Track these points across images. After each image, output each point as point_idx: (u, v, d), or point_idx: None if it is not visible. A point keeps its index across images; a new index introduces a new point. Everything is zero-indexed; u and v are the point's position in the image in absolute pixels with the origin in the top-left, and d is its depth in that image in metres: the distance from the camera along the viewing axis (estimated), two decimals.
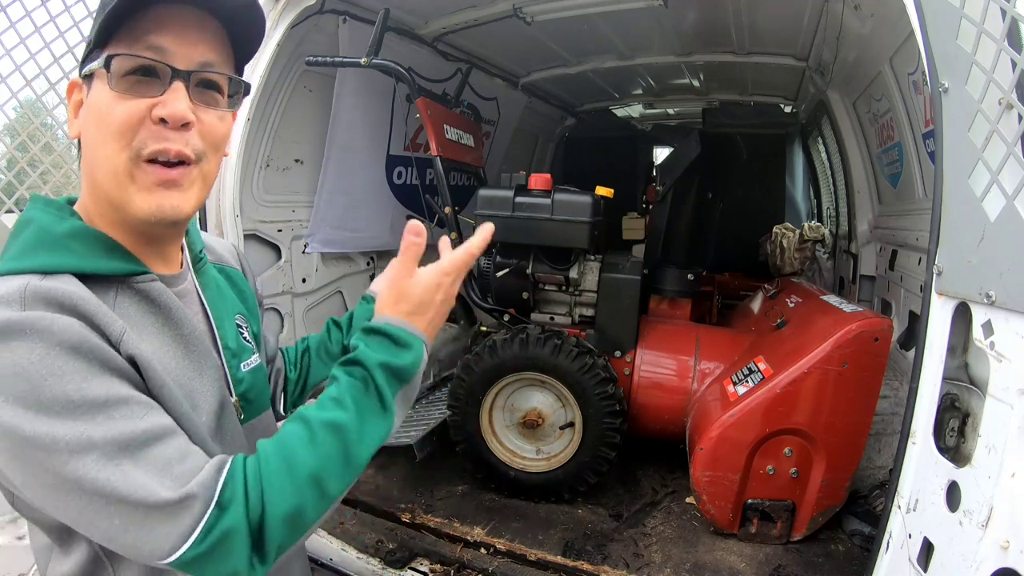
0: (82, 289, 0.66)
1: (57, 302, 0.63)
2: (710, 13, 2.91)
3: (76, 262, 0.68)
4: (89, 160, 0.71)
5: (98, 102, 0.69)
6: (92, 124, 0.70)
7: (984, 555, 0.98)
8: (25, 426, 0.58)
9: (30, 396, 0.58)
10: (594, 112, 5.12)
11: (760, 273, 3.79)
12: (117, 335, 0.66)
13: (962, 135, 1.09)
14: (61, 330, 0.61)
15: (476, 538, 2.08)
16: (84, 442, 0.59)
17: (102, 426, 0.60)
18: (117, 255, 0.72)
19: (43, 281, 0.64)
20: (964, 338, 1.15)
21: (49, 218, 0.71)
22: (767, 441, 2.00)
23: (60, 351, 0.60)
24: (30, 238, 0.69)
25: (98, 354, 0.62)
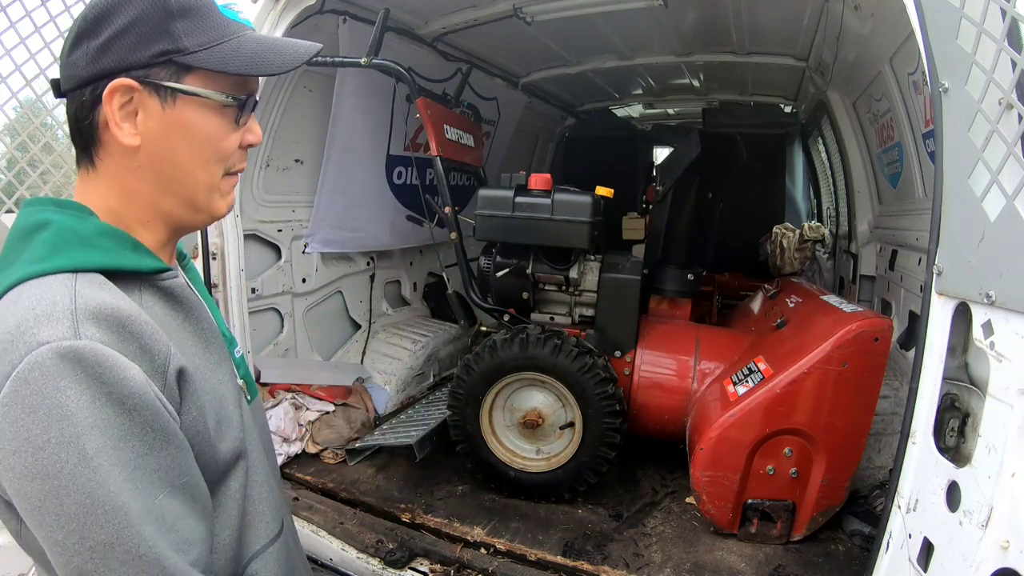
0: (124, 299, 0.66)
1: (111, 319, 0.63)
2: (710, 13, 2.91)
3: (108, 259, 0.68)
4: (169, 173, 0.74)
5: (205, 126, 0.74)
6: (189, 144, 0.73)
7: (984, 555, 0.98)
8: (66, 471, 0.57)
9: (73, 444, 0.58)
10: (594, 112, 5.12)
11: (760, 273, 3.79)
12: (164, 351, 0.66)
13: (962, 135, 1.09)
14: (114, 381, 0.60)
15: (476, 538, 2.08)
16: (111, 505, 0.59)
17: (130, 492, 0.60)
18: (143, 253, 0.73)
19: (84, 288, 0.63)
20: (964, 338, 1.15)
21: (69, 219, 0.70)
22: (767, 441, 2.00)
23: (107, 403, 0.59)
24: (53, 238, 0.68)
25: (145, 415, 0.62)
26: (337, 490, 2.39)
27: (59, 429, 0.57)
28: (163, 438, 0.64)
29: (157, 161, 0.73)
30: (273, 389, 2.74)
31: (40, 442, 0.57)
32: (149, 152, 0.72)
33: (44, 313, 0.60)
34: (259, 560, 0.81)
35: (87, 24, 0.69)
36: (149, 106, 0.70)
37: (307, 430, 2.69)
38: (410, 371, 3.28)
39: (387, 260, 3.66)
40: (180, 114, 0.72)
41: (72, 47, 0.70)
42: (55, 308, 0.61)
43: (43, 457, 0.57)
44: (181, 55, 0.70)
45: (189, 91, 0.71)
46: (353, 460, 2.61)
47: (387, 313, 3.65)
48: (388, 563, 1.98)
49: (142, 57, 0.69)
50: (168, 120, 0.71)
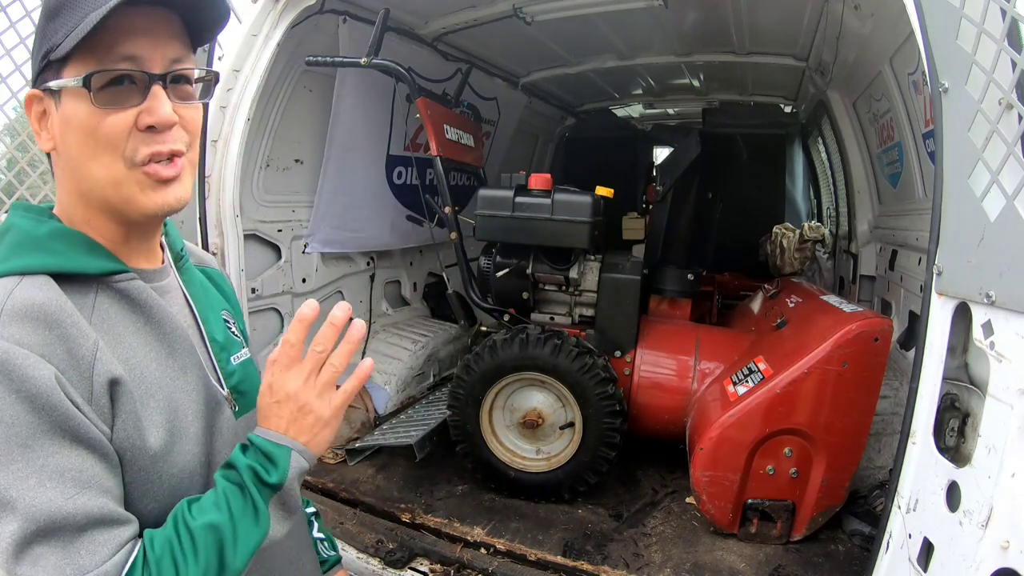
0: (60, 298, 0.66)
1: (39, 319, 0.63)
2: (710, 13, 2.91)
3: (56, 261, 0.69)
4: (75, 172, 0.72)
5: (78, 117, 0.69)
6: (75, 139, 0.70)
7: (984, 555, 0.98)
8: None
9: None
10: (594, 112, 5.12)
11: (760, 273, 3.79)
12: (90, 356, 0.66)
13: (962, 135, 1.09)
14: (23, 378, 0.60)
15: (476, 538, 2.08)
16: (5, 506, 0.59)
17: (32, 495, 0.60)
18: (97, 254, 0.73)
19: (21, 290, 0.64)
20: (964, 338, 1.15)
21: (28, 222, 0.72)
22: (767, 441, 2.00)
23: (14, 400, 0.60)
24: (10, 242, 0.70)
25: (54, 415, 0.62)
26: (337, 490, 2.39)
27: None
28: (73, 439, 0.63)
29: (65, 161, 0.73)
30: None
31: None
32: (60, 153, 0.73)
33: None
34: None
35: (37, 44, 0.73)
36: (50, 109, 0.72)
37: None
38: (410, 371, 3.28)
39: (387, 260, 3.66)
40: (63, 110, 0.70)
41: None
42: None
43: None
44: (53, 51, 0.68)
45: (53, 87, 0.70)
46: (353, 460, 2.61)
47: (387, 313, 3.65)
48: (388, 563, 1.98)
49: (36, 65, 0.72)
50: (60, 119, 0.71)
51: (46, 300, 0.65)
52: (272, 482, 0.72)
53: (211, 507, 0.70)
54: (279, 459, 0.73)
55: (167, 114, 0.71)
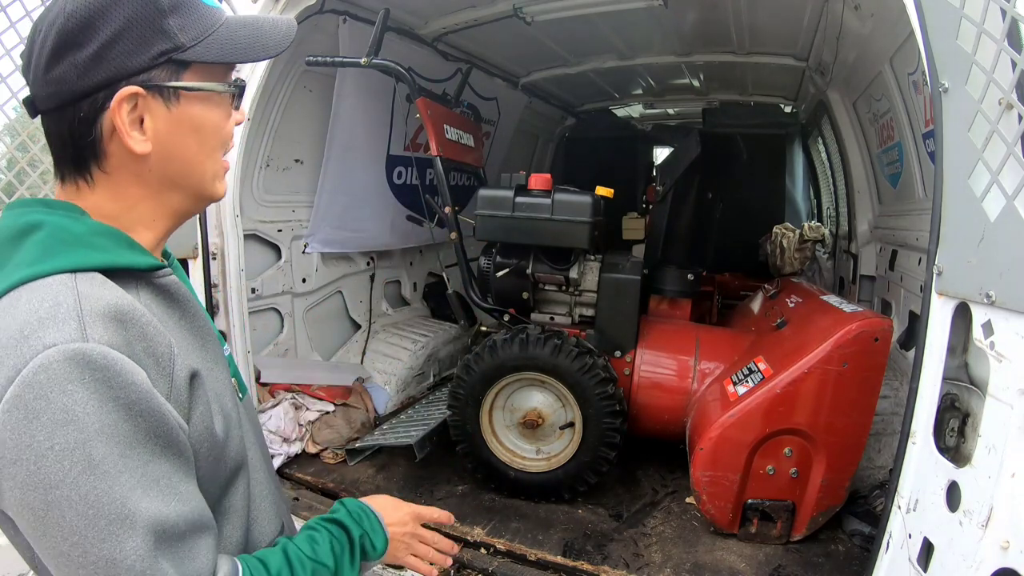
0: (127, 297, 0.64)
1: (116, 317, 0.61)
2: (710, 13, 2.91)
3: (105, 257, 0.66)
4: (180, 169, 0.73)
5: (212, 118, 0.74)
6: (199, 138, 0.73)
7: (984, 555, 0.98)
8: (68, 480, 0.55)
9: (78, 450, 0.56)
10: (594, 112, 5.12)
11: (760, 273, 3.79)
12: (168, 352, 0.65)
13: (962, 135, 1.09)
14: (121, 385, 0.59)
15: (476, 538, 2.08)
16: (125, 520, 0.57)
17: (145, 504, 0.59)
18: (138, 251, 0.72)
19: (87, 287, 0.62)
20: (964, 338, 1.15)
21: (63, 219, 0.67)
22: (767, 441, 2.00)
23: (114, 408, 0.58)
24: (47, 239, 0.65)
25: (150, 421, 0.61)
26: (337, 490, 2.39)
27: (64, 435, 0.55)
28: (165, 445, 0.62)
29: (167, 161, 0.71)
30: (273, 389, 2.74)
31: (43, 449, 0.55)
32: (159, 155, 0.70)
33: (48, 315, 0.58)
34: None
35: (68, 35, 0.64)
36: (154, 109, 0.68)
37: (307, 430, 2.69)
38: (410, 371, 3.28)
39: (387, 260, 3.66)
40: (186, 111, 0.70)
41: (51, 62, 0.65)
42: (59, 309, 0.59)
43: (46, 465, 0.55)
44: (179, 52, 0.68)
45: (195, 87, 0.70)
46: (353, 460, 2.61)
47: (387, 313, 3.65)
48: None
49: (142, 61, 0.66)
50: (175, 119, 0.70)
51: (117, 298, 0.63)
52: (372, 555, 0.90)
53: (323, 554, 0.81)
54: (379, 543, 0.91)
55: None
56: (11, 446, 0.56)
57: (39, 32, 0.66)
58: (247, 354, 2.30)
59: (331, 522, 0.87)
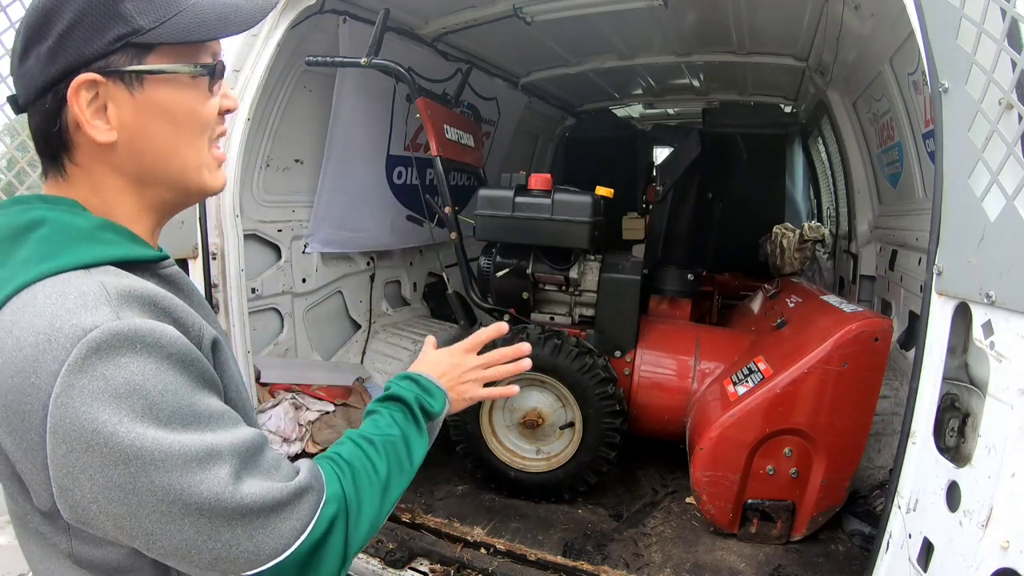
0: (149, 284, 0.65)
1: (143, 300, 0.62)
2: (710, 13, 2.91)
3: (116, 251, 0.66)
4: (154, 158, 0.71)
5: (182, 102, 0.70)
6: (170, 124, 0.70)
7: (984, 555, 0.98)
8: (148, 445, 0.56)
9: (148, 414, 0.56)
10: (594, 112, 5.11)
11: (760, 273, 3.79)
12: (197, 324, 0.67)
13: (962, 135, 1.09)
14: (169, 343, 0.60)
15: (476, 538, 2.08)
16: (213, 454, 0.59)
17: (222, 437, 0.61)
18: (140, 243, 0.72)
19: (107, 278, 0.61)
20: (964, 338, 1.15)
21: (64, 215, 0.67)
22: (767, 441, 2.00)
23: (169, 365, 0.59)
24: (52, 235, 0.64)
25: (198, 367, 0.63)
26: None
27: (130, 406, 0.56)
28: (214, 387, 0.66)
29: (138, 151, 0.69)
30: (273, 389, 2.74)
31: (112, 426, 0.55)
32: (128, 144, 0.69)
33: (78, 304, 0.58)
34: None
35: (31, 30, 0.65)
36: (117, 96, 0.67)
37: (307, 430, 2.69)
38: None
39: (387, 260, 3.66)
40: (151, 96, 0.68)
41: (22, 58, 0.66)
42: (87, 298, 0.58)
43: (118, 440, 0.55)
44: (138, 35, 0.66)
45: (155, 70, 0.68)
46: None
47: (387, 313, 3.65)
48: (388, 563, 1.98)
49: (98, 47, 0.65)
50: (140, 106, 0.68)
51: (138, 284, 0.63)
52: (434, 411, 0.93)
53: (386, 426, 0.85)
54: (437, 397, 0.95)
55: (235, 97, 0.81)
56: (76, 436, 0.55)
57: (19, 32, 0.68)
58: (247, 354, 2.30)
59: (386, 399, 0.92)
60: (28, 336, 0.57)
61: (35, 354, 0.56)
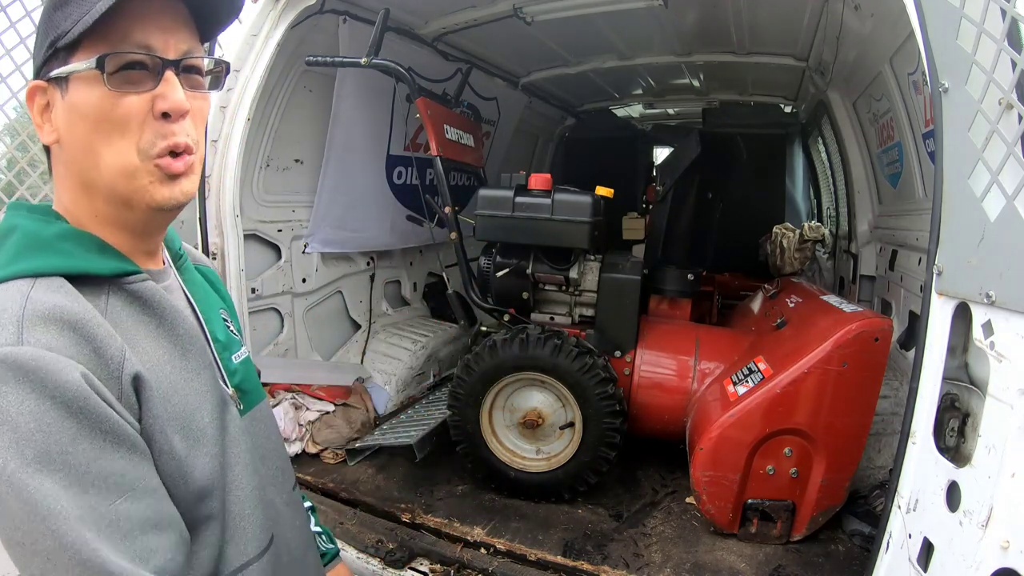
0: (80, 301, 0.65)
1: (64, 323, 0.62)
2: (710, 13, 2.91)
3: (69, 262, 0.68)
4: (83, 164, 0.71)
5: (90, 102, 0.68)
6: (86, 125, 0.69)
7: (984, 555, 0.98)
8: (3, 476, 0.56)
9: (12, 448, 0.56)
10: (594, 112, 5.12)
11: (760, 273, 3.79)
12: (118, 356, 0.65)
13: (962, 135, 1.09)
14: (59, 384, 0.59)
15: (476, 538, 2.08)
16: (56, 510, 0.57)
17: (76, 498, 0.58)
18: (108, 255, 0.72)
19: (39, 293, 0.63)
20: (964, 338, 1.15)
21: (34, 223, 0.70)
22: (767, 441, 2.00)
23: (52, 406, 0.58)
24: (17, 244, 0.68)
25: (92, 416, 0.60)
26: (337, 490, 2.39)
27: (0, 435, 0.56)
28: (115, 442, 0.61)
29: (72, 152, 0.71)
30: (273, 389, 2.74)
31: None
32: (65, 144, 0.71)
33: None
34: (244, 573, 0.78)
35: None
36: (55, 100, 0.70)
37: (307, 430, 2.69)
38: (410, 371, 3.28)
39: (387, 260, 3.66)
40: (71, 97, 0.69)
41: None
42: (3, 315, 0.61)
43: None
44: (61, 39, 0.68)
45: (61, 73, 0.68)
46: (353, 460, 2.61)
47: (387, 313, 3.65)
48: (388, 563, 1.98)
49: (41, 55, 0.71)
50: (67, 108, 0.69)
51: (67, 302, 0.64)
52: None
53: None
54: None
55: (180, 100, 0.70)
56: None
57: None
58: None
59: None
60: None
61: None
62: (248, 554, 0.79)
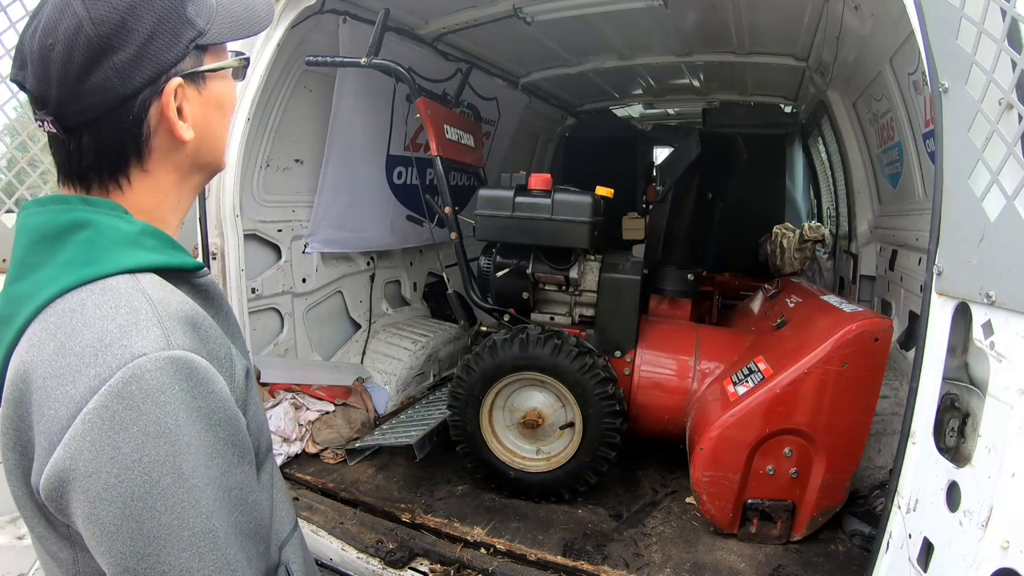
0: (187, 298, 0.65)
1: (189, 322, 0.61)
2: (710, 13, 2.91)
3: (160, 258, 0.66)
4: (208, 149, 0.76)
5: (227, 93, 0.77)
6: (219, 113, 0.76)
7: (984, 555, 0.98)
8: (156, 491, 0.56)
9: (168, 462, 0.55)
10: (594, 112, 5.12)
11: (760, 273, 3.79)
12: (227, 353, 0.66)
13: (962, 135, 1.09)
14: (204, 393, 0.59)
15: (476, 538, 2.08)
16: (208, 528, 0.58)
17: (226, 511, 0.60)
18: (181, 251, 0.72)
19: (154, 291, 0.61)
20: (964, 338, 1.15)
21: (111, 219, 0.66)
22: (767, 441, 2.00)
23: (198, 417, 0.58)
24: (98, 238, 0.63)
25: (227, 428, 0.61)
26: (337, 490, 2.39)
27: (155, 447, 0.55)
28: (240, 454, 0.63)
29: (201, 142, 0.74)
30: (273, 389, 2.74)
31: (129, 462, 0.54)
32: (197, 138, 0.72)
33: (128, 322, 0.57)
34: (288, 547, 0.82)
35: (101, 41, 0.62)
36: (190, 96, 0.71)
37: (307, 430, 2.69)
38: (410, 371, 3.28)
39: (387, 260, 3.66)
40: (211, 91, 0.74)
41: (86, 71, 0.63)
42: (139, 315, 0.58)
43: (131, 478, 0.54)
44: (202, 37, 0.70)
45: (216, 68, 0.74)
46: (353, 460, 2.61)
47: (387, 313, 3.65)
48: (388, 563, 1.98)
49: (176, 52, 0.68)
50: (204, 101, 0.73)
51: (183, 301, 0.63)
52: None
53: None
54: None
55: None
56: (88, 458, 0.54)
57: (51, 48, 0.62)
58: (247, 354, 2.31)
59: None
60: (74, 345, 0.56)
61: (79, 364, 0.56)
62: (289, 524, 0.84)
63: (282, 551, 0.80)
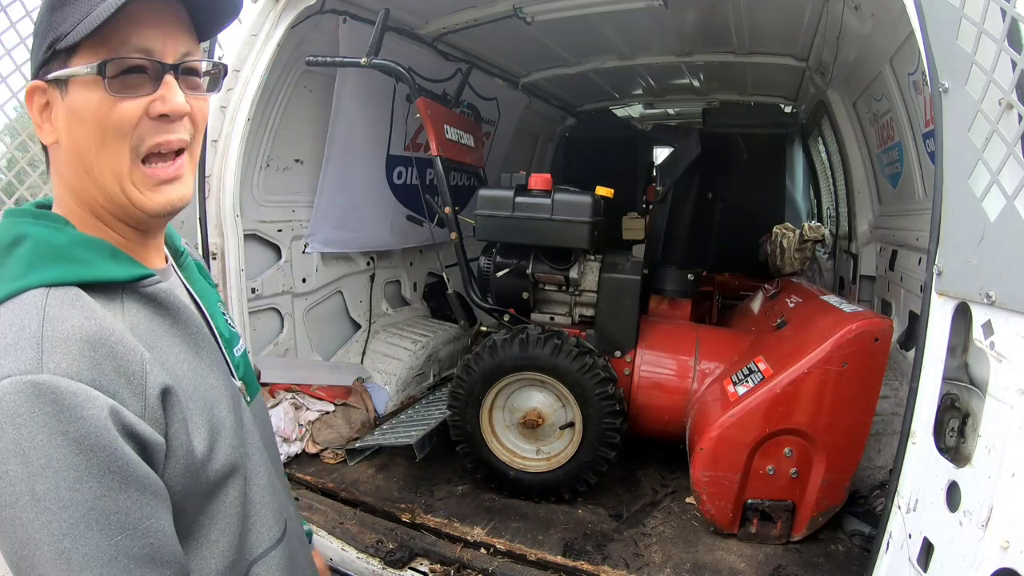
0: (98, 314, 0.64)
1: (84, 342, 0.61)
2: (710, 13, 2.91)
3: (84, 272, 0.67)
4: (81, 164, 0.71)
5: (90, 106, 0.68)
6: (86, 128, 0.69)
7: (984, 555, 0.98)
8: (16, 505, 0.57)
9: (23, 482, 0.57)
10: (594, 112, 5.12)
11: (760, 273, 3.79)
12: (140, 370, 0.64)
13: (962, 135, 1.09)
14: (71, 419, 0.58)
15: (476, 538, 2.08)
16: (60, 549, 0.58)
17: (80, 538, 0.59)
18: (122, 260, 0.71)
19: (55, 309, 0.62)
20: (964, 338, 1.15)
21: (45, 231, 0.68)
22: (767, 441, 2.00)
23: (63, 442, 0.58)
24: (29, 253, 0.66)
25: (101, 452, 0.59)
26: (337, 490, 2.39)
27: (13, 466, 0.57)
28: (122, 480, 0.61)
29: (71, 153, 0.71)
30: (273, 389, 2.74)
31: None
32: (65, 145, 0.71)
33: (11, 342, 0.59)
34: (261, 564, 0.80)
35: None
36: (55, 100, 0.70)
37: (307, 430, 2.69)
38: (410, 371, 3.28)
39: (387, 260, 3.66)
40: (71, 100, 0.69)
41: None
42: (22, 336, 0.60)
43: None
44: (60, 41, 0.67)
45: (61, 75, 0.68)
46: (353, 460, 2.61)
47: (387, 313, 3.65)
48: (388, 563, 1.98)
49: (40, 56, 0.70)
50: (66, 109, 0.69)
51: (85, 318, 0.63)
52: None
53: None
54: None
55: (180, 103, 0.71)
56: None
57: None
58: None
59: None
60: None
61: None
62: (268, 541, 0.82)
63: (252, 567, 0.79)
